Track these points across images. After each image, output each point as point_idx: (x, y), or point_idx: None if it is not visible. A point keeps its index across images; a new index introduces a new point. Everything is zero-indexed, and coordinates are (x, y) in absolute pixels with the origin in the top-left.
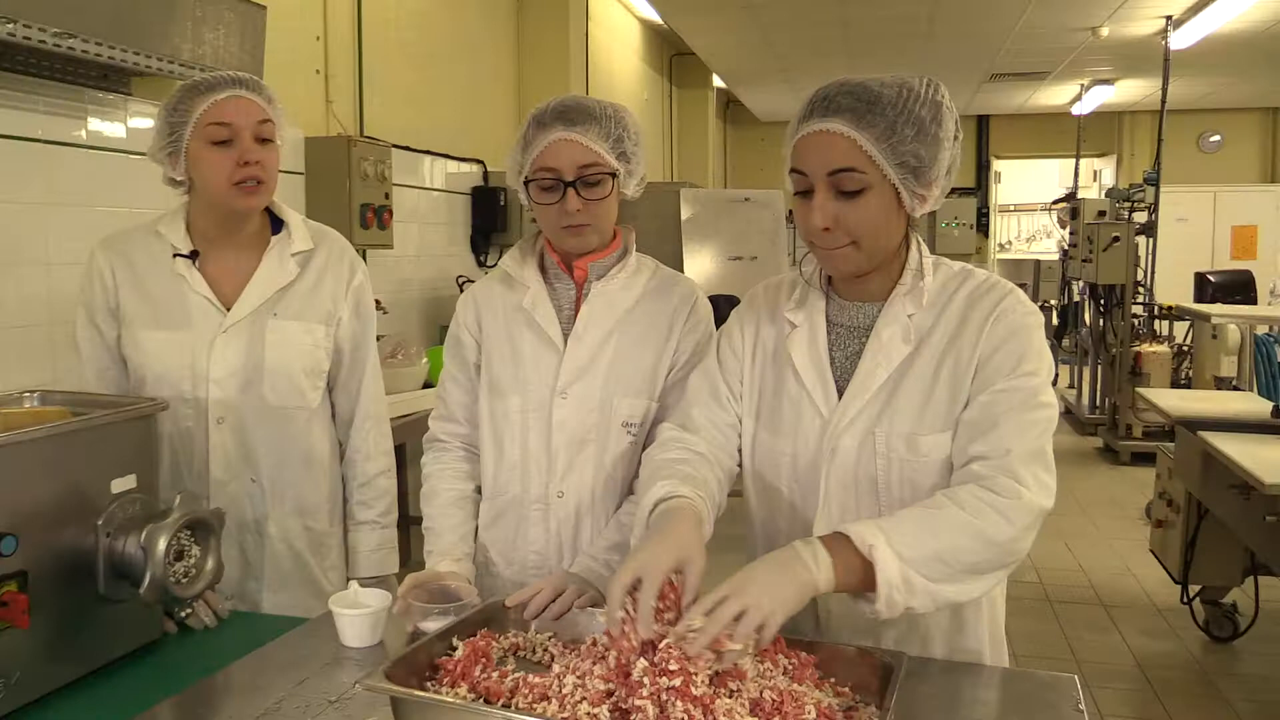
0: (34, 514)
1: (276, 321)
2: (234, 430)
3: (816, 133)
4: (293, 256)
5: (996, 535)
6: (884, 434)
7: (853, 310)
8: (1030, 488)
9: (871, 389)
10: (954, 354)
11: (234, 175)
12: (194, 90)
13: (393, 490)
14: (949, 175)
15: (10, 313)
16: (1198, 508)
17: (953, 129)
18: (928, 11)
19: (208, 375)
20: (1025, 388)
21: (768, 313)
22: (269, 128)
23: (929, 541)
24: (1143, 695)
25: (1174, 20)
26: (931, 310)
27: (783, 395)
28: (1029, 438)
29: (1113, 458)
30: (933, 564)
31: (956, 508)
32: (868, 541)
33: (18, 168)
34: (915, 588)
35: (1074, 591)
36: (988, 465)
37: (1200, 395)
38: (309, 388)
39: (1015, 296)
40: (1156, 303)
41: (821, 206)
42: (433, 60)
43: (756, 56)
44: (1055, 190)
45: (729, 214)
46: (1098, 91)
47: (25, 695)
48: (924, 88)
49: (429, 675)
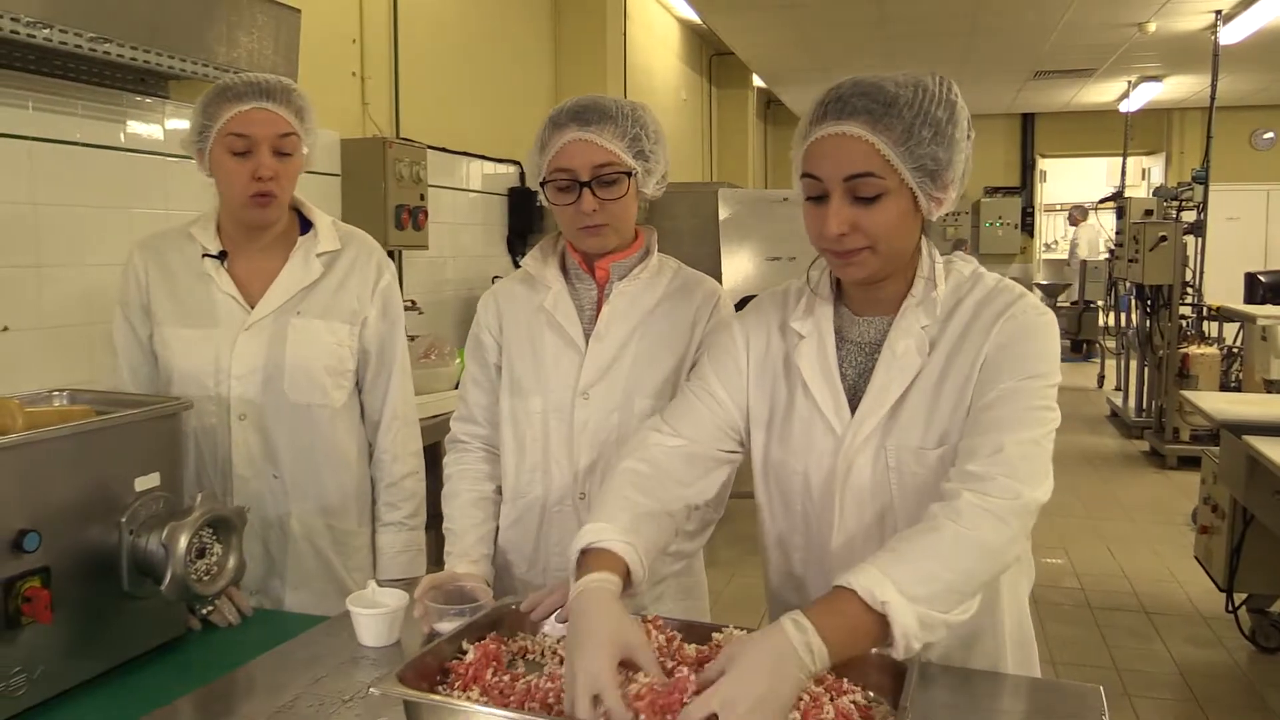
0: (58, 511)
1: (299, 320)
2: (256, 427)
3: (832, 136)
4: (318, 256)
5: (994, 541)
6: (894, 449)
7: (863, 325)
8: (1024, 481)
9: (887, 405)
10: (959, 361)
11: (248, 188)
12: (223, 95)
13: (420, 492)
14: (964, 177)
15: (48, 313)
16: (1243, 514)
17: (966, 128)
18: (969, 8)
19: (230, 372)
20: (1027, 389)
21: (777, 323)
22: (290, 141)
23: (941, 574)
24: (1185, 706)
25: (1223, 15)
26: (941, 317)
27: (793, 411)
28: (1024, 431)
29: (1159, 462)
30: (946, 596)
31: (956, 525)
32: (880, 599)
33: (57, 170)
34: (932, 625)
35: (1116, 598)
36: (981, 463)
37: (1248, 399)
38: (331, 386)
39: (1026, 300)
40: (1205, 303)
41: (838, 212)
42: (469, 62)
43: (795, 55)
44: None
45: (767, 214)
46: (1146, 88)
47: (49, 689)
48: (939, 87)
49: (440, 679)
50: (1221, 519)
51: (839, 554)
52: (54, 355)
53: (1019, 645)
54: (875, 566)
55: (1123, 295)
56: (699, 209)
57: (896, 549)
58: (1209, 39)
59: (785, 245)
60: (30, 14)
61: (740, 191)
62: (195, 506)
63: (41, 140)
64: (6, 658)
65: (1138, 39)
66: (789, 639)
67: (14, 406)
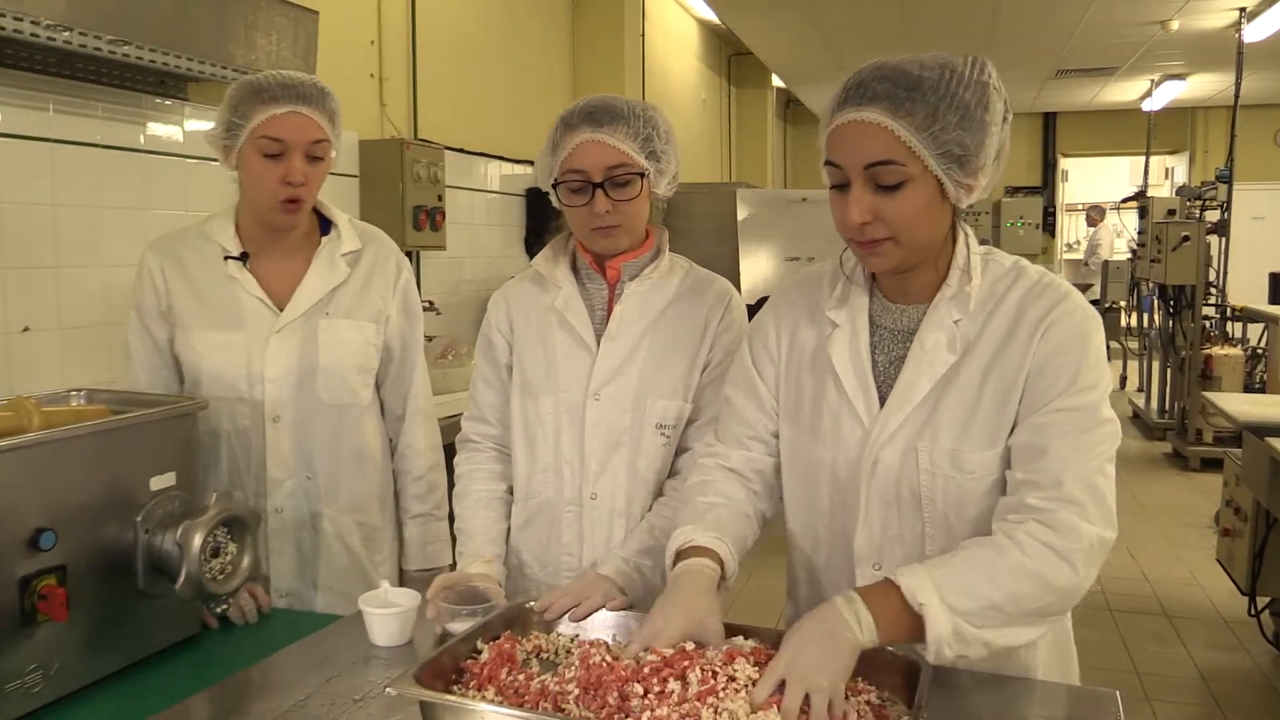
0: (74, 510)
1: (328, 321)
2: (289, 428)
3: (851, 123)
4: (342, 257)
5: (1058, 581)
6: (927, 449)
7: (896, 313)
8: (1092, 520)
9: (914, 400)
10: (1001, 365)
11: (278, 193)
12: (258, 95)
13: (443, 484)
14: (998, 161)
15: (68, 313)
16: (1266, 516)
17: (1001, 111)
18: (991, 6)
19: (263, 375)
20: (1082, 406)
21: (806, 310)
22: (322, 147)
23: (987, 592)
24: (1207, 711)
25: (1248, 12)
26: (980, 314)
27: (822, 401)
28: (1086, 463)
29: (1181, 463)
30: (989, 614)
31: (1018, 551)
32: (919, 600)
33: (77, 172)
34: (968, 639)
35: (1137, 601)
36: (1042, 497)
37: (1272, 400)
38: (360, 385)
39: (1071, 300)
40: (1228, 304)
41: (858, 201)
42: (488, 63)
43: (814, 55)
44: (1125, 189)
45: (786, 214)
46: (1169, 87)
47: (64, 687)
48: (968, 68)
49: (455, 678)
50: (1244, 522)
51: (862, 551)
52: (73, 355)
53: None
54: (925, 569)
55: (1145, 295)
56: (717, 209)
57: (952, 558)
58: (1233, 37)
59: (804, 245)
60: (51, 17)
61: (759, 192)
62: (210, 506)
63: (62, 142)
64: (22, 655)
65: (1160, 37)
66: (838, 610)
67: (30, 406)
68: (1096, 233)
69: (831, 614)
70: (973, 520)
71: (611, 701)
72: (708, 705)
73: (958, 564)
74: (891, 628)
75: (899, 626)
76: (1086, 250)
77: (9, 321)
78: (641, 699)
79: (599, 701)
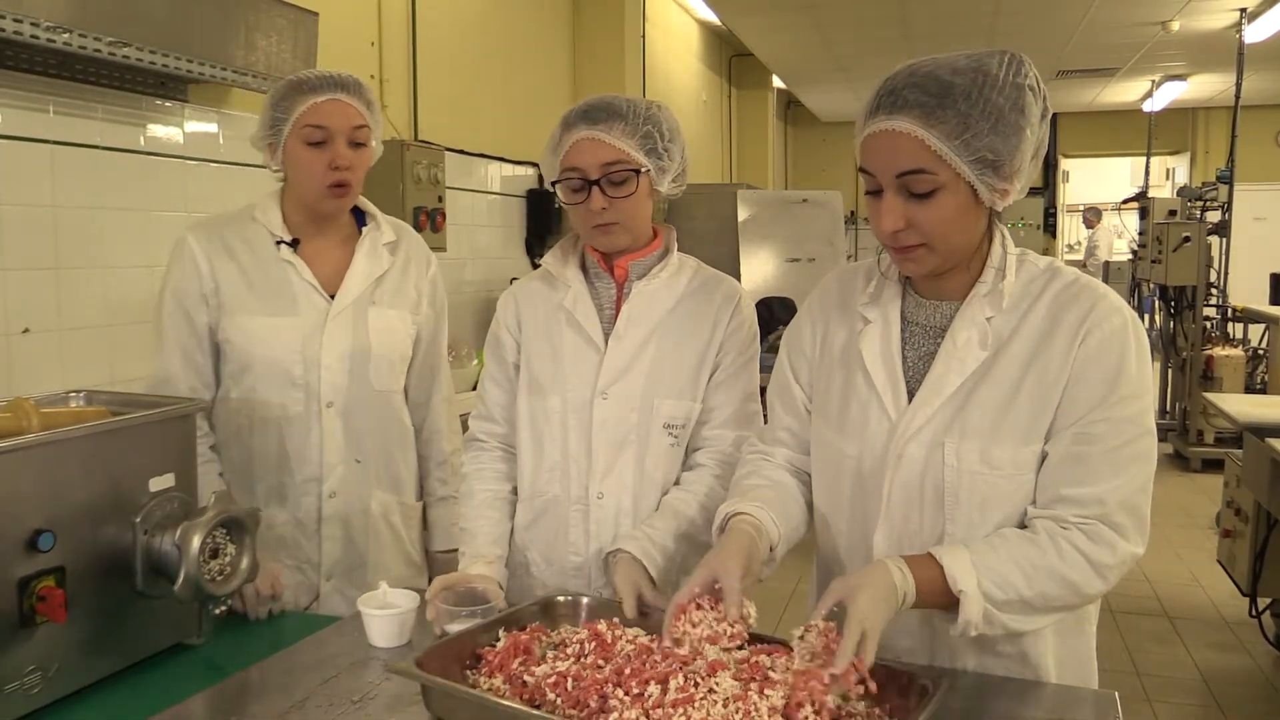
0: (73, 511)
1: (376, 309)
2: (342, 414)
3: (883, 131)
4: (384, 246)
5: (1088, 590)
6: (954, 445)
7: (929, 309)
8: (1130, 539)
9: (943, 395)
10: (1040, 365)
11: (326, 178)
12: (298, 88)
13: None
14: (1035, 160)
15: (69, 315)
16: (1267, 517)
17: (1038, 111)
18: (990, 7)
19: (319, 361)
20: (1121, 418)
21: (839, 306)
22: (364, 132)
23: (1021, 588)
24: (1207, 711)
25: (1248, 13)
26: (1013, 313)
27: (851, 394)
28: (1127, 483)
29: (1183, 464)
30: (1016, 605)
31: (1056, 555)
32: (959, 585)
33: (77, 173)
34: (993, 623)
35: (1138, 602)
36: (1082, 514)
37: (1273, 401)
38: (401, 371)
39: (1109, 302)
40: (1229, 305)
41: (891, 209)
42: (488, 64)
43: (815, 56)
44: (1126, 189)
45: (787, 215)
46: (1170, 87)
47: (63, 688)
48: (1003, 70)
49: (471, 664)
50: (1245, 523)
51: (880, 549)
52: (73, 357)
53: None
54: (968, 552)
55: (1146, 296)
56: (718, 210)
57: (996, 547)
58: (1234, 37)
59: (804, 246)
60: (51, 19)
61: (760, 193)
62: (209, 507)
63: (63, 144)
64: (21, 656)
65: (1161, 38)
66: (887, 566)
67: (29, 407)
68: (1094, 234)
69: (885, 574)
70: (995, 524)
71: (593, 704)
72: (680, 713)
73: (1001, 555)
74: (926, 594)
75: (931, 598)
76: (1085, 251)
77: (9, 323)
78: (621, 700)
79: (579, 704)
